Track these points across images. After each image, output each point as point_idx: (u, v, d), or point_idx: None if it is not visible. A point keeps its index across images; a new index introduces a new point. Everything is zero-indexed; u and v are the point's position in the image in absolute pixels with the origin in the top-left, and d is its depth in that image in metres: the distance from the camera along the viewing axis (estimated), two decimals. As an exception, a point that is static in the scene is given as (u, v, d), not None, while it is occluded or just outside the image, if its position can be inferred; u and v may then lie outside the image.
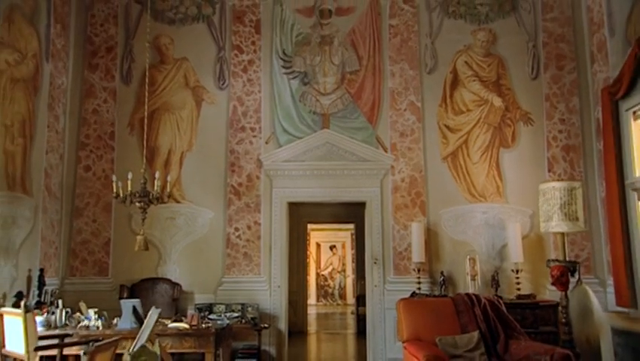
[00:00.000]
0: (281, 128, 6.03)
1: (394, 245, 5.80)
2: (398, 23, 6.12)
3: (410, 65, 6.06)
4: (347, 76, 6.09)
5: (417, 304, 4.43)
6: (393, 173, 5.91)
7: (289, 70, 6.12)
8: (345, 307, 13.79)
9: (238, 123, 6.03)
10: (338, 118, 6.03)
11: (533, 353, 3.74)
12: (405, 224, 5.79)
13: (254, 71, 6.11)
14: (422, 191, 5.86)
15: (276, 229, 5.89)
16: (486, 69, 6.01)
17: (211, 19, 6.20)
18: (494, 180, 5.85)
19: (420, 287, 5.51)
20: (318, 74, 6.10)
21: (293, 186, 5.95)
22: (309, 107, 6.05)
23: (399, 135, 5.96)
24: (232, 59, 6.13)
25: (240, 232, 5.87)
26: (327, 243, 14.92)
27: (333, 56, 6.12)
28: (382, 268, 5.79)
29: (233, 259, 5.82)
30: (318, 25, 6.17)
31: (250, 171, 5.96)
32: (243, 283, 5.77)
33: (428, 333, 4.11)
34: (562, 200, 4.12)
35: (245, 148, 6.00)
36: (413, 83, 6.02)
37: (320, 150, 5.96)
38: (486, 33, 6.04)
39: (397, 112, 6.00)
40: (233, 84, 6.09)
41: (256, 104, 6.06)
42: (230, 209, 5.90)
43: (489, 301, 4.38)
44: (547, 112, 5.89)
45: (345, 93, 6.06)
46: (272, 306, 5.74)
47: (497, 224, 5.77)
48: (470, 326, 4.19)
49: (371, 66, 6.09)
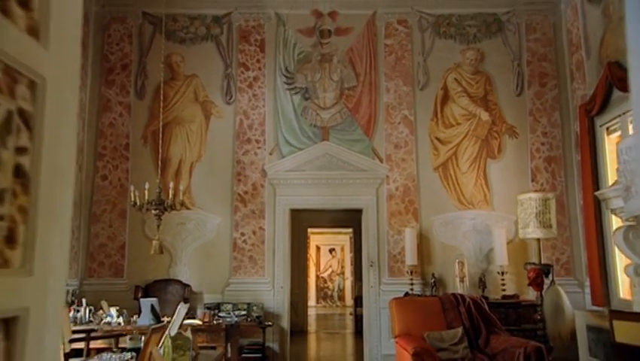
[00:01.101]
0: (284, 140, 6.51)
1: (389, 249, 6.29)
2: (393, 43, 6.62)
3: (404, 81, 6.55)
4: (345, 91, 6.59)
5: (408, 303, 4.92)
6: (388, 182, 6.40)
7: (291, 86, 6.61)
8: (344, 308, 14.24)
9: (244, 136, 6.52)
10: (337, 131, 6.52)
11: (510, 346, 4.23)
12: (399, 229, 6.27)
13: (258, 87, 6.60)
14: (414, 199, 6.35)
15: (279, 234, 6.37)
16: (474, 86, 6.50)
17: (219, 39, 6.69)
18: (481, 189, 6.33)
19: (413, 288, 5.99)
20: (319, 89, 6.59)
21: (295, 194, 6.44)
22: (310, 120, 6.54)
23: (393, 147, 6.45)
24: (238, 76, 6.62)
25: (246, 237, 6.35)
26: (326, 246, 15.37)
27: (333, 72, 6.61)
28: (377, 270, 6.27)
29: (239, 262, 6.31)
30: (318, 45, 6.66)
31: (255, 180, 6.45)
32: (249, 284, 6.25)
33: (418, 329, 4.60)
34: (537, 209, 4.61)
35: (251, 159, 6.48)
36: (407, 99, 6.52)
37: (320, 161, 6.45)
38: (474, 52, 6.54)
39: (392, 125, 6.49)
40: (240, 99, 6.58)
41: (260, 118, 6.55)
42: (237, 215, 6.39)
43: (473, 301, 4.87)
44: (531, 126, 6.38)
45: (344, 108, 6.55)
46: (275, 305, 6.22)
47: (484, 230, 6.25)
48: (455, 322, 4.68)
49: (368, 82, 6.59)
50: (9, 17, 0.82)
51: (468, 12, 6.56)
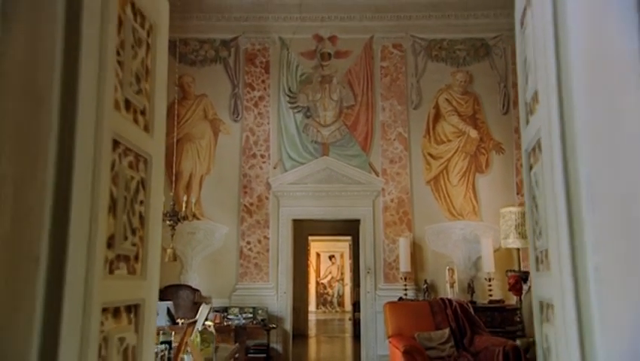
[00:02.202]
0: (287, 155, 7.08)
1: (385, 257, 6.83)
2: (388, 65, 7.19)
3: (399, 101, 7.12)
4: (344, 110, 7.16)
5: (400, 306, 5.46)
6: (383, 194, 6.96)
7: (294, 105, 7.18)
8: (344, 314, 14.74)
9: (250, 151, 7.08)
10: (336, 146, 7.08)
11: (491, 345, 4.77)
12: (394, 239, 6.82)
13: (263, 106, 7.18)
14: (408, 210, 6.90)
15: (282, 243, 6.92)
16: (463, 105, 7.07)
17: (227, 61, 7.27)
18: (470, 201, 6.89)
19: (406, 293, 6.53)
20: (319, 108, 7.16)
21: (297, 205, 6.99)
22: (311, 137, 7.10)
23: (389, 162, 7.01)
24: (245, 95, 7.19)
25: (251, 245, 6.90)
26: (326, 253, 15.89)
27: (332, 92, 7.19)
28: (374, 276, 6.81)
29: (245, 269, 6.85)
30: (319, 67, 7.24)
31: (260, 193, 7.00)
32: (254, 289, 6.79)
33: (409, 330, 5.14)
34: (516, 222, 5.17)
35: (256, 172, 7.04)
36: (401, 117, 7.09)
37: (320, 175, 7.01)
38: (463, 74, 7.12)
39: (387, 142, 7.05)
40: (246, 117, 7.15)
41: (265, 134, 7.11)
42: (243, 225, 6.94)
43: (459, 304, 5.41)
44: (516, 142, 6.94)
45: (343, 125, 7.12)
46: (278, 309, 6.75)
47: (472, 239, 6.80)
48: (442, 324, 5.22)
49: (365, 102, 7.16)
50: (137, 123, 1.39)
51: (458, 37, 7.14)
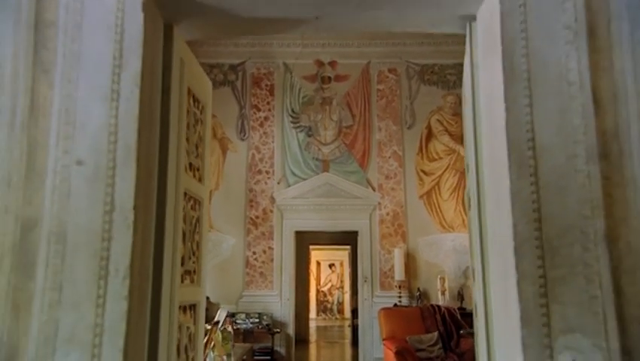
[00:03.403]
0: (290, 171, 7.69)
1: (381, 266, 7.42)
2: (384, 88, 7.83)
3: (394, 121, 7.75)
4: (343, 130, 7.78)
5: (393, 312, 6.05)
6: (379, 208, 7.56)
7: (297, 124, 7.80)
8: (343, 321, 15.27)
9: (255, 167, 7.70)
10: (336, 163, 7.69)
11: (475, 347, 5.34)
12: (389, 249, 7.42)
13: (268, 126, 7.80)
14: (402, 223, 7.50)
15: (286, 253, 7.51)
16: (454, 125, 7.69)
17: (235, 84, 7.90)
18: (460, 215, 7.48)
19: (401, 300, 7.11)
20: (320, 128, 7.79)
21: (299, 218, 7.59)
22: (313, 154, 7.72)
23: (384, 178, 7.62)
24: (251, 116, 7.82)
25: (257, 255, 7.49)
26: (326, 261, 16.43)
27: (332, 113, 7.81)
28: (371, 285, 7.40)
29: (251, 277, 7.44)
30: (320, 89, 7.88)
31: (265, 206, 7.60)
32: (259, 296, 7.37)
33: (401, 333, 5.72)
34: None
35: (261, 187, 7.65)
36: (396, 136, 7.71)
37: (321, 189, 7.61)
38: (454, 97, 7.75)
39: (383, 159, 7.67)
40: (252, 136, 7.77)
41: (270, 152, 7.73)
42: (249, 236, 7.53)
43: (447, 310, 6.00)
44: (502, 160, 7.55)
45: (342, 144, 7.74)
46: (282, 315, 7.33)
47: (462, 250, 7.38)
48: (432, 328, 5.80)
49: (362, 122, 7.78)
50: (195, 177, 2.01)
51: (449, 62, 7.77)
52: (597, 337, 1.32)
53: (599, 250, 1.36)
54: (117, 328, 1.37)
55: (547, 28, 1.47)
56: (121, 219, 1.41)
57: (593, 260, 1.36)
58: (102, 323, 1.36)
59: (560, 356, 1.33)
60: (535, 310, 1.35)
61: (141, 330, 1.51)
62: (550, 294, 1.36)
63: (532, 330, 1.34)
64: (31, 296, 1.36)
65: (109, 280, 1.38)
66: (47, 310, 1.36)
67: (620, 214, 1.38)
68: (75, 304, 1.36)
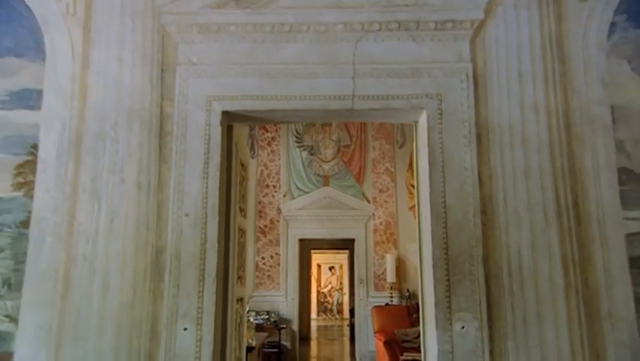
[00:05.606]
0: (294, 185, 8.83)
1: (374, 270, 8.57)
2: (378, 111, 8.96)
3: (387, 141, 8.90)
4: (342, 149, 8.93)
5: (384, 309, 7.20)
6: (374, 218, 8.71)
7: (300, 144, 8.95)
8: (342, 320, 16.41)
9: (264, 182, 8.85)
10: (335, 178, 8.84)
11: (451, 338, 6.50)
12: (382, 255, 8.56)
13: (275, 145, 8.95)
14: (394, 231, 8.65)
15: (290, 259, 8.66)
16: (439, 145, 8.83)
17: (245, 108, 9.03)
18: (445, 224, 8.62)
19: (392, 300, 8.26)
20: (321, 147, 8.93)
21: (303, 227, 8.74)
22: (315, 170, 8.87)
23: (378, 191, 8.77)
24: (260, 136, 8.97)
25: (265, 260, 8.64)
26: (326, 264, 17.56)
27: (332, 134, 8.96)
28: (366, 286, 8.54)
29: (260, 280, 8.59)
30: (321, 112, 9.01)
31: (272, 217, 8.75)
32: (267, 296, 8.52)
33: (390, 327, 6.87)
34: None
35: (269, 200, 8.80)
36: (388, 154, 8.85)
37: (322, 202, 8.76)
38: (439, 120, 8.88)
39: (377, 175, 8.82)
40: (261, 154, 8.92)
41: (277, 169, 8.88)
42: (258, 243, 8.68)
43: (430, 308, 7.14)
44: (482, 176, 8.70)
45: (340, 161, 8.89)
46: (287, 313, 8.48)
47: (446, 255, 8.52)
48: (416, 323, 6.94)
49: (359, 142, 8.93)
50: (242, 215, 3.18)
51: (435, 89, 8.91)
52: (475, 313, 2.46)
53: (479, 266, 2.50)
54: (209, 309, 2.50)
55: (453, 136, 2.62)
56: (210, 247, 2.54)
57: (475, 271, 2.50)
58: (202, 306, 2.50)
59: (455, 325, 2.47)
60: (443, 299, 2.50)
61: (219, 311, 2.65)
62: (452, 290, 2.50)
63: (441, 310, 2.49)
64: (162, 291, 2.50)
65: (205, 282, 2.51)
66: (171, 299, 2.49)
67: (491, 245, 2.53)
68: (187, 295, 2.50)
